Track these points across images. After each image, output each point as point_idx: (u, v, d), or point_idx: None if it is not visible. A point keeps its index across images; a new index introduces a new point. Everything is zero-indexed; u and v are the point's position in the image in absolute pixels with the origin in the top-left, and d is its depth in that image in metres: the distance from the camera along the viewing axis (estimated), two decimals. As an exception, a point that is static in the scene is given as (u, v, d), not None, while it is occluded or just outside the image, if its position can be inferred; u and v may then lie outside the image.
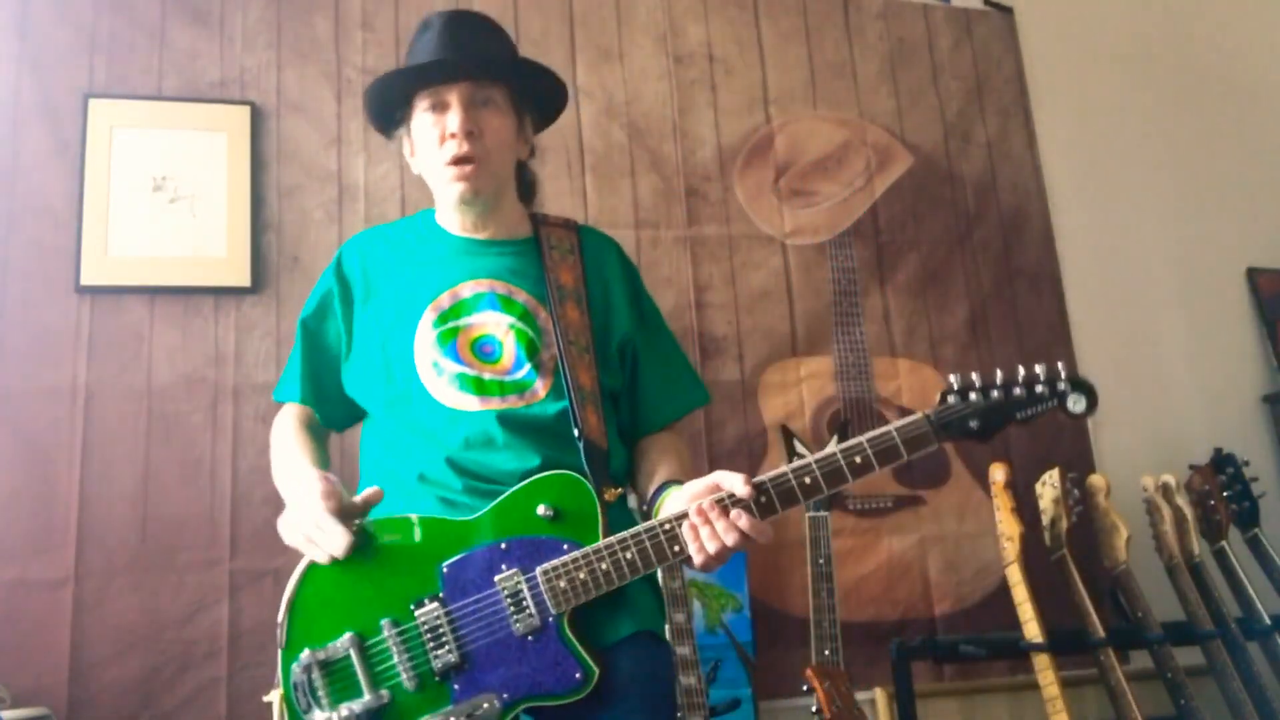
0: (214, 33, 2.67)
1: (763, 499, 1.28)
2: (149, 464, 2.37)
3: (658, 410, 1.57)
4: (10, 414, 2.32)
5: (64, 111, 2.52)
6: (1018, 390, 1.30)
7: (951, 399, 1.31)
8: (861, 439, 1.30)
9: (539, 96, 1.59)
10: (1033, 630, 2.32)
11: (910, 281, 3.02)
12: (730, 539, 1.26)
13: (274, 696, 1.37)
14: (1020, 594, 2.36)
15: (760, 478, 1.29)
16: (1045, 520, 2.52)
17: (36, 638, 2.22)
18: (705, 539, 1.27)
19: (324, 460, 1.55)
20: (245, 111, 2.63)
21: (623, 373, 1.55)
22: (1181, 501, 2.60)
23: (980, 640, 2.46)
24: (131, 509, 2.33)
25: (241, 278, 2.53)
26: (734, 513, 1.27)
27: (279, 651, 1.35)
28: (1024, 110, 3.29)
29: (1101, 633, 2.36)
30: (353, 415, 1.59)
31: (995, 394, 1.30)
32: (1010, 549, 2.40)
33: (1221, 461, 2.70)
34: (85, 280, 2.43)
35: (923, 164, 3.14)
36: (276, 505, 2.37)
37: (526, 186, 1.62)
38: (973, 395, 1.30)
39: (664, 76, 2.96)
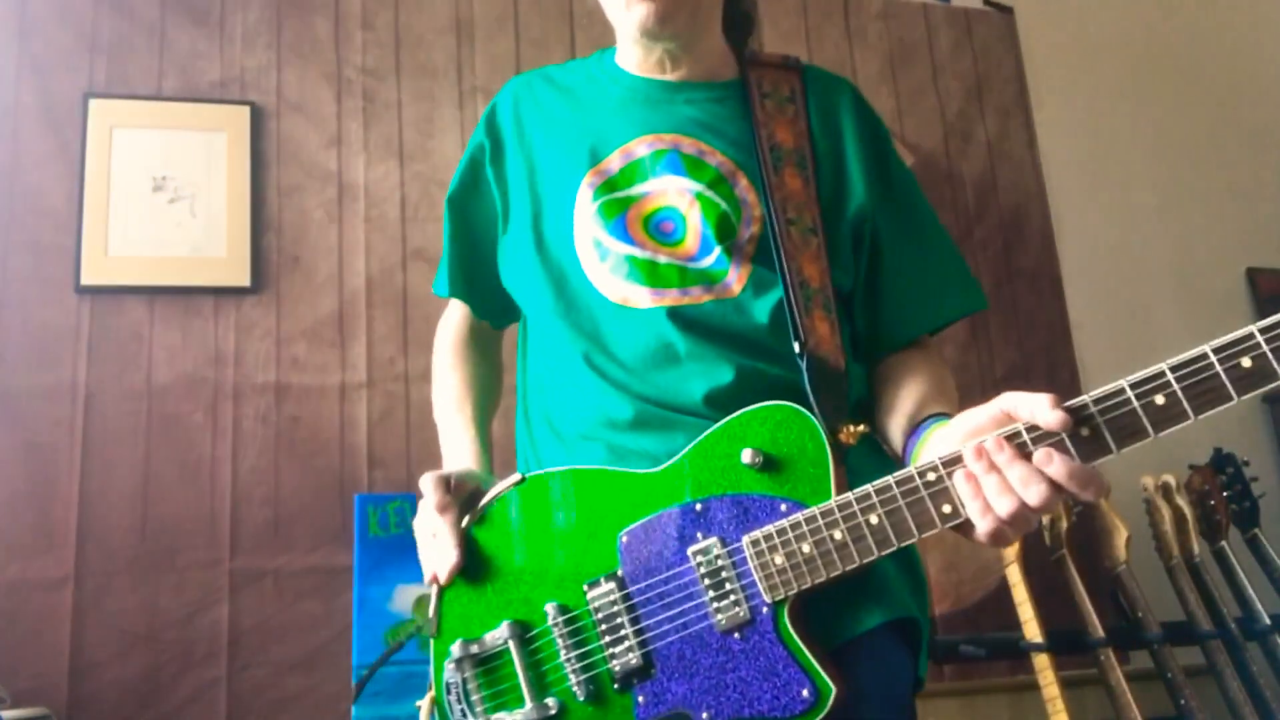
0: (214, 33, 2.67)
1: (1084, 432, 0.85)
2: (149, 464, 2.37)
3: (909, 316, 1.14)
4: (10, 414, 2.32)
5: (64, 111, 2.52)
6: None
7: None
8: (1248, 330, 0.79)
9: None
10: (1032, 630, 2.32)
11: (910, 281, 3.01)
12: (1034, 495, 0.84)
13: (425, 701, 1.09)
14: (1020, 594, 2.36)
15: (1080, 399, 0.85)
16: (1045, 520, 2.51)
17: (36, 638, 2.22)
18: (993, 494, 0.85)
19: (482, 400, 1.24)
20: (245, 111, 2.63)
21: (857, 263, 1.14)
22: (1181, 501, 2.59)
23: (980, 640, 2.46)
24: (131, 509, 2.33)
25: (241, 278, 2.53)
26: (1039, 454, 0.85)
27: (431, 642, 1.07)
28: (1024, 110, 3.29)
29: (1101, 633, 2.36)
30: (516, 307, 1.25)
31: None
32: (1010, 549, 2.40)
33: (1221, 461, 2.69)
34: (85, 280, 2.43)
35: (923, 164, 3.14)
36: (276, 505, 2.41)
37: (741, 19, 1.24)
38: None
39: (664, 76, 2.96)
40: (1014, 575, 2.38)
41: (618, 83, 1.21)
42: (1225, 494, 2.64)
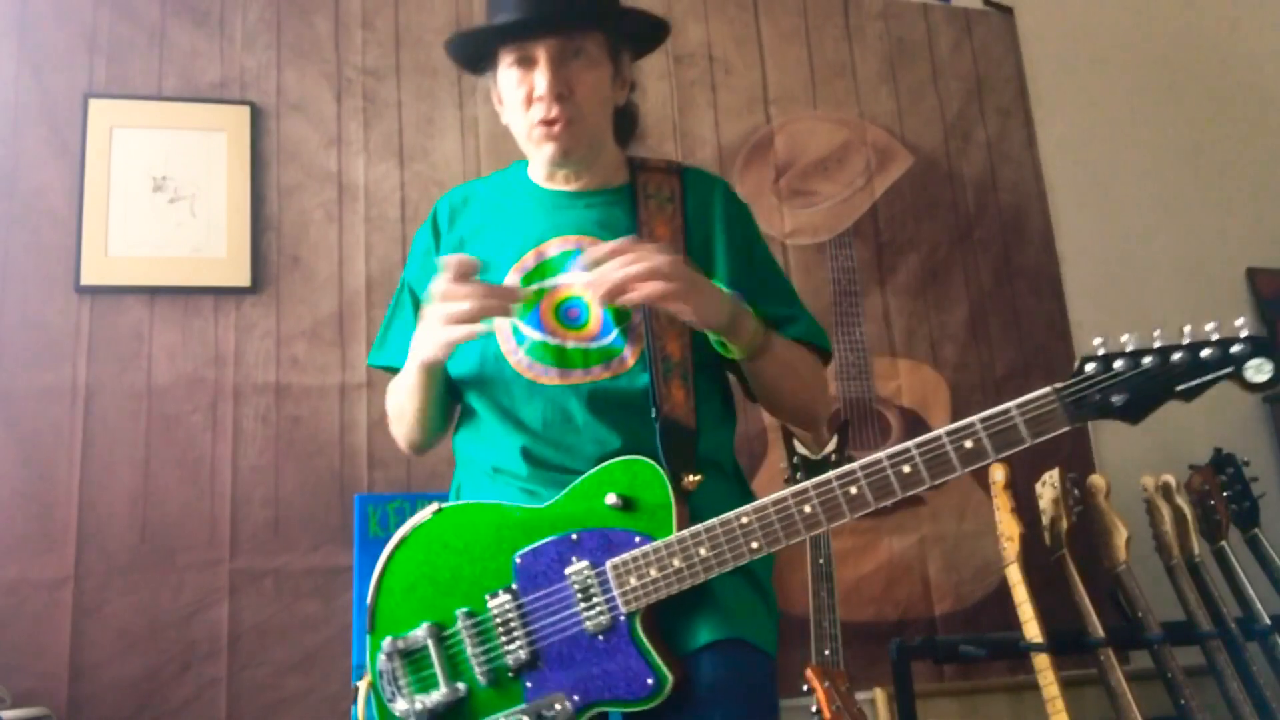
0: (214, 33, 2.67)
1: (853, 490, 1.15)
2: (149, 464, 2.37)
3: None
4: (10, 414, 2.32)
5: (64, 111, 2.52)
6: (1178, 355, 1.06)
7: (1091, 367, 1.08)
8: (974, 420, 1.10)
9: (634, 34, 1.47)
10: (1033, 630, 2.32)
11: (910, 281, 3.02)
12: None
13: (362, 684, 1.34)
14: (1020, 594, 2.36)
15: (852, 466, 1.16)
16: (1045, 520, 2.51)
17: (36, 638, 2.22)
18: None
19: (439, 404, 1.42)
20: (245, 111, 2.63)
21: None
22: (1181, 501, 2.59)
23: (980, 640, 2.45)
24: (131, 509, 2.33)
25: (241, 278, 2.53)
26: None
27: (366, 636, 1.31)
28: (1024, 110, 3.29)
29: (1101, 633, 2.36)
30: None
31: (1148, 360, 1.06)
32: (1010, 549, 2.40)
33: (1221, 461, 2.69)
34: (85, 280, 2.43)
35: (923, 164, 3.14)
36: (276, 505, 2.41)
37: (627, 126, 1.49)
38: (1118, 363, 1.07)
39: (664, 76, 2.96)
40: (1014, 575, 2.38)
41: (530, 195, 1.45)
42: (1225, 494, 2.64)
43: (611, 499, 1.22)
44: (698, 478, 1.25)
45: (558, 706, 1.19)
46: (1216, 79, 3.56)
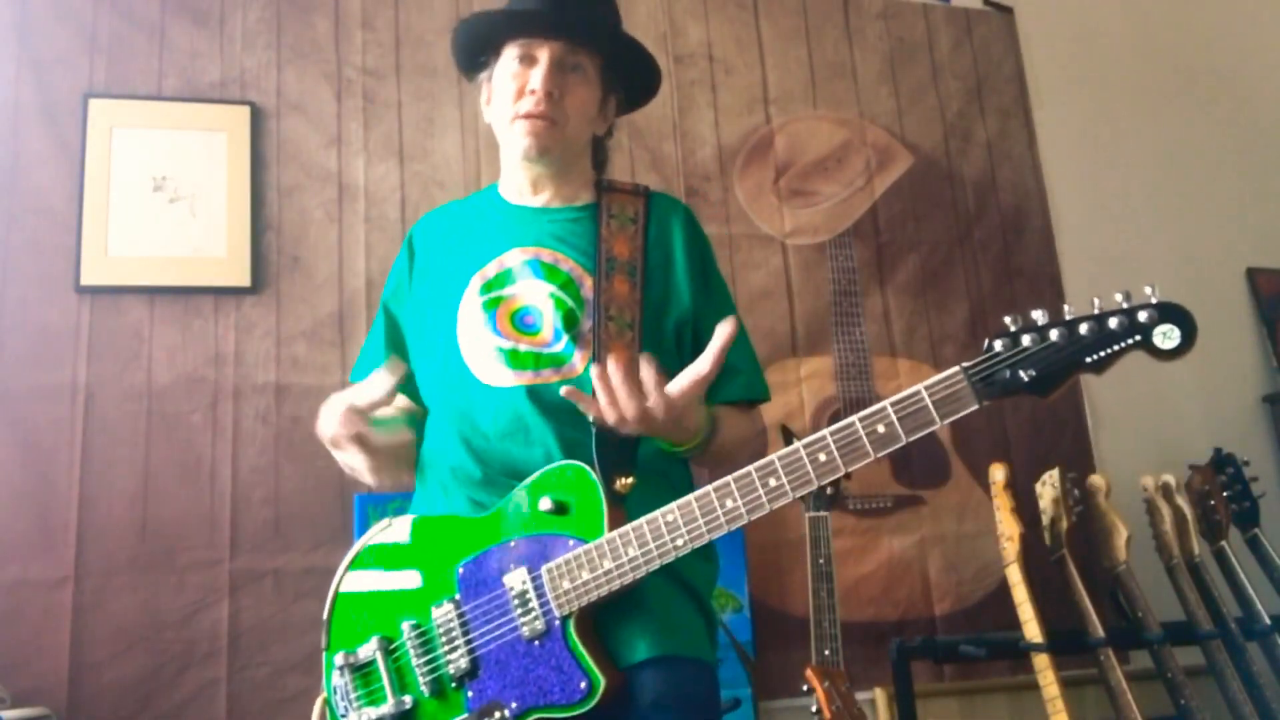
0: (214, 33, 2.67)
1: (771, 482, 1.15)
2: (149, 464, 2.37)
3: (710, 393, 1.38)
4: (10, 414, 2.32)
5: (64, 111, 2.52)
6: (1085, 327, 1.04)
7: (999, 344, 1.05)
8: (885, 403, 1.08)
9: (630, 77, 1.53)
10: (1033, 630, 2.32)
11: (910, 281, 3.02)
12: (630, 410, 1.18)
13: (318, 701, 1.36)
14: (1020, 594, 2.36)
15: (770, 458, 1.16)
16: (1045, 520, 2.51)
17: (36, 638, 2.22)
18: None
19: (395, 418, 1.46)
20: (245, 111, 2.63)
21: (681, 356, 1.41)
22: (1181, 501, 2.59)
23: (980, 640, 2.45)
24: (131, 509, 2.33)
25: (241, 278, 2.53)
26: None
27: (323, 653, 1.34)
28: (1024, 110, 3.29)
29: (1101, 633, 2.36)
30: None
31: (1055, 334, 1.04)
32: (1010, 549, 2.40)
33: (1221, 461, 2.69)
34: (85, 280, 2.43)
35: (923, 164, 3.14)
36: (276, 505, 2.41)
37: (599, 161, 1.57)
38: (1026, 338, 1.05)
39: (664, 77, 2.95)
40: (1014, 575, 2.38)
41: (498, 210, 1.51)
42: (1225, 494, 2.64)
43: (545, 504, 1.24)
44: (630, 480, 1.26)
45: (497, 714, 1.19)
46: (1216, 79, 3.56)
